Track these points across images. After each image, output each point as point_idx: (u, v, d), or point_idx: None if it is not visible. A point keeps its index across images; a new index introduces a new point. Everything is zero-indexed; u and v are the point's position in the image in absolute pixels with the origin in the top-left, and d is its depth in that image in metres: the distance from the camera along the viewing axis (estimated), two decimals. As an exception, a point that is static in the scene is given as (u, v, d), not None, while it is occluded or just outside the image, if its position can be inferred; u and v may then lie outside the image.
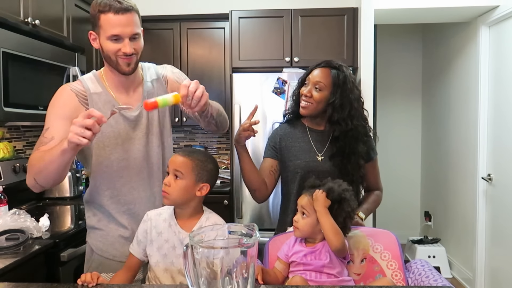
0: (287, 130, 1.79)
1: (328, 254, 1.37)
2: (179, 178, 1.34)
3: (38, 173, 1.32)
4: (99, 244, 1.53)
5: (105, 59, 1.48)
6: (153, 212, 1.43)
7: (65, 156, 1.24)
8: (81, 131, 1.15)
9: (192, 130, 3.80)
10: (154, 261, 1.37)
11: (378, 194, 1.82)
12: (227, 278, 0.95)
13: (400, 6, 3.06)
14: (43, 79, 2.24)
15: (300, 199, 1.43)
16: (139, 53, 1.47)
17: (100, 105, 1.46)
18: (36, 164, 1.31)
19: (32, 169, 1.33)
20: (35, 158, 1.33)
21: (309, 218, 1.39)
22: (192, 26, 3.39)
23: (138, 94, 1.55)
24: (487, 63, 3.22)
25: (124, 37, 1.40)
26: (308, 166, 1.68)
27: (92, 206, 1.55)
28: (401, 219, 4.55)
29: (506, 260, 2.97)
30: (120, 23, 1.37)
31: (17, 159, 2.45)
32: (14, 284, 1.25)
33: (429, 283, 1.37)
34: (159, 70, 1.64)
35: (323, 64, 1.71)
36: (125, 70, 1.45)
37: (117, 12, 1.37)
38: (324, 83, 1.66)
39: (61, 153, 1.23)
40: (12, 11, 2.06)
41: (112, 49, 1.41)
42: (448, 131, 3.91)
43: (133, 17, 1.41)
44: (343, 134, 1.66)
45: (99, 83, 1.50)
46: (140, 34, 1.46)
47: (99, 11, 1.39)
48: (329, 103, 1.65)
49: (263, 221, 2.95)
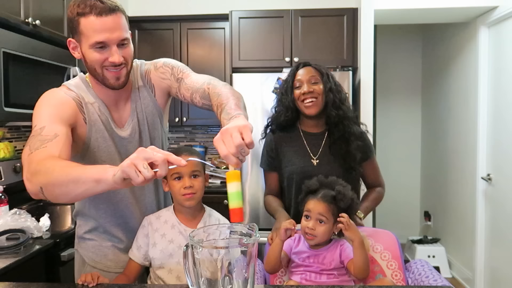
0: (281, 135, 1.78)
1: (333, 261, 1.37)
2: (198, 176, 1.37)
3: (52, 184, 0.99)
4: (91, 255, 1.42)
5: (89, 71, 1.26)
6: (152, 217, 1.42)
7: (100, 186, 0.93)
8: (144, 167, 0.86)
9: (192, 130, 3.80)
10: (158, 263, 1.37)
11: (380, 191, 1.82)
12: (227, 278, 0.95)
13: (400, 6, 3.06)
14: (43, 79, 2.24)
15: (315, 206, 1.39)
16: (130, 62, 1.25)
17: (96, 116, 1.29)
18: (53, 173, 0.99)
19: (43, 176, 0.99)
20: (51, 163, 1.01)
21: (327, 225, 1.38)
22: (192, 26, 3.39)
23: (128, 108, 1.36)
24: (486, 63, 3.22)
25: (111, 44, 1.17)
26: (304, 172, 1.68)
27: (84, 217, 1.43)
28: (400, 219, 4.55)
29: (506, 259, 2.97)
30: (105, 27, 1.15)
31: (18, 159, 2.45)
32: (14, 284, 1.25)
33: (429, 283, 1.37)
34: (143, 69, 1.39)
35: (301, 65, 1.76)
36: (114, 85, 1.24)
37: (100, 14, 1.14)
38: (315, 75, 1.71)
39: (96, 180, 0.92)
40: (13, 12, 2.06)
41: (97, 59, 1.19)
42: (448, 131, 3.91)
43: (119, 19, 1.18)
44: (338, 131, 1.68)
45: (88, 91, 1.30)
46: (129, 39, 1.23)
47: (78, 14, 1.16)
48: (327, 90, 1.69)
49: (263, 221, 2.95)
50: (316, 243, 1.40)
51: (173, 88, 1.37)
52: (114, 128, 1.33)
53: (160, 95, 1.41)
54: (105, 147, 1.31)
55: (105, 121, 1.31)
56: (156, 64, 1.39)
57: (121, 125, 1.35)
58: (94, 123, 1.29)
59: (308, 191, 1.46)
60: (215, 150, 3.79)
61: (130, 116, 1.36)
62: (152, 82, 1.38)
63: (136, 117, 1.37)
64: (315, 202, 1.40)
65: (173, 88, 1.37)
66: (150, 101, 1.39)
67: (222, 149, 0.95)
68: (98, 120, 1.29)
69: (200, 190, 1.38)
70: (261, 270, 1.52)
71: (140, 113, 1.37)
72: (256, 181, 2.97)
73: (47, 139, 1.10)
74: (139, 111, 1.37)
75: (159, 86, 1.39)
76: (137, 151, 0.90)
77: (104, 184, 0.92)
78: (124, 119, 1.36)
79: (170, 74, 1.36)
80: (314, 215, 1.38)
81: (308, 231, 1.38)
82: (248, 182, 2.99)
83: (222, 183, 3.31)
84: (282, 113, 1.74)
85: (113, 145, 1.32)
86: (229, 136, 0.95)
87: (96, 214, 1.41)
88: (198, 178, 1.37)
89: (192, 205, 1.37)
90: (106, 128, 1.31)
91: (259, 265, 1.51)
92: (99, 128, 1.30)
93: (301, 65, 1.75)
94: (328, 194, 1.39)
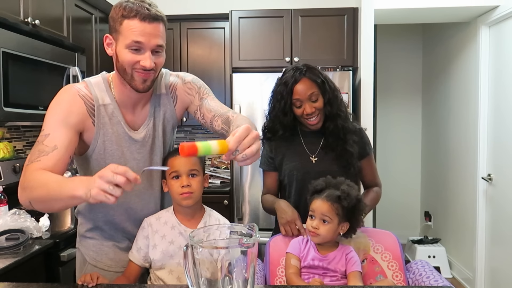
0: (279, 136, 1.77)
1: (337, 267, 1.38)
2: (196, 176, 1.37)
3: (37, 200, 1.10)
4: (92, 254, 1.43)
5: (118, 70, 1.28)
6: (152, 218, 1.42)
7: (75, 201, 1.06)
8: (109, 189, 0.94)
9: (192, 130, 3.80)
10: (159, 265, 1.37)
11: (377, 191, 1.82)
12: (227, 278, 0.95)
13: (400, 6, 3.06)
14: (43, 79, 2.24)
15: (319, 205, 1.40)
16: (158, 70, 1.29)
17: (106, 119, 1.31)
18: (37, 189, 1.08)
19: (30, 191, 1.10)
20: (36, 179, 1.10)
21: (331, 224, 1.39)
22: (192, 26, 3.39)
23: (145, 112, 1.38)
24: (487, 63, 3.22)
25: (146, 48, 1.21)
26: (304, 168, 1.69)
27: (85, 217, 1.44)
28: (401, 219, 4.55)
29: (506, 260, 2.96)
30: (144, 31, 1.19)
31: (17, 159, 2.45)
32: (14, 284, 1.25)
33: (430, 283, 1.37)
34: (169, 80, 1.43)
35: (298, 76, 1.65)
36: (139, 88, 1.26)
37: (144, 19, 1.18)
38: (314, 90, 1.65)
39: (71, 197, 1.01)
40: (12, 11, 2.05)
41: (130, 60, 1.22)
42: (448, 131, 3.91)
43: (160, 27, 1.22)
44: (335, 130, 1.68)
45: (107, 92, 1.32)
46: (163, 48, 1.26)
47: (122, 16, 1.20)
48: (326, 102, 1.67)
49: (263, 221, 2.95)
50: (320, 241, 1.41)
51: (194, 105, 1.41)
52: (127, 130, 1.34)
53: (180, 107, 1.44)
54: (112, 150, 1.32)
55: (115, 124, 1.32)
56: (184, 79, 1.44)
57: (135, 127, 1.37)
58: (103, 125, 1.31)
59: (314, 190, 1.46)
60: (215, 150, 3.78)
61: (146, 120, 1.38)
62: (177, 93, 1.42)
63: (153, 122, 1.39)
64: (319, 202, 1.41)
65: (193, 105, 1.42)
66: (169, 109, 1.42)
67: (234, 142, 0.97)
68: (107, 124, 1.31)
69: (198, 190, 1.37)
70: (261, 270, 1.52)
71: (157, 118, 1.40)
72: (256, 182, 2.97)
73: (45, 151, 1.16)
74: (156, 116, 1.39)
75: (182, 99, 1.43)
76: (98, 176, 0.96)
77: (79, 200, 1.01)
78: (140, 122, 1.38)
79: (196, 92, 1.41)
80: (318, 214, 1.39)
81: (313, 230, 1.40)
82: (248, 182, 2.99)
83: (222, 183, 3.30)
84: (280, 131, 1.72)
85: (120, 148, 1.33)
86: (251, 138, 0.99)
87: (95, 215, 1.41)
88: (196, 177, 1.36)
89: (190, 204, 1.36)
90: (115, 131, 1.32)
91: (259, 265, 1.51)
92: (107, 131, 1.32)
93: (298, 77, 1.64)
94: (333, 194, 1.40)
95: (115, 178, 0.94)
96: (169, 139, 1.47)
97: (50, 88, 2.24)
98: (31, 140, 2.75)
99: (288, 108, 1.67)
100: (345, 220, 1.40)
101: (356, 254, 1.42)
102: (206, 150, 0.96)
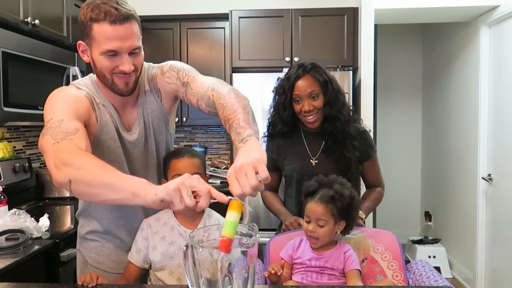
0: (282, 135, 1.77)
1: (335, 265, 1.38)
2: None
3: (81, 182, 0.97)
4: (93, 256, 1.41)
5: (98, 76, 1.24)
6: (151, 219, 1.41)
7: (134, 200, 0.91)
8: (188, 194, 0.86)
9: (192, 130, 3.79)
10: (159, 266, 1.36)
11: (380, 191, 1.81)
12: (227, 278, 0.95)
13: (400, 6, 3.06)
14: (43, 79, 2.24)
15: (313, 208, 1.39)
16: (139, 69, 1.25)
17: (108, 116, 1.29)
18: (85, 170, 0.96)
19: (75, 170, 0.97)
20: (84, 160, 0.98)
21: (327, 227, 1.38)
22: (192, 26, 3.39)
23: (135, 113, 1.35)
24: (487, 63, 3.22)
25: (123, 52, 1.16)
26: (303, 170, 1.70)
27: (87, 217, 1.42)
28: (401, 219, 4.55)
29: (507, 260, 2.96)
30: (117, 36, 1.13)
31: (17, 159, 2.45)
32: (14, 284, 1.25)
33: (430, 283, 1.36)
34: (151, 73, 1.38)
35: (301, 73, 1.66)
36: (122, 91, 1.24)
37: (115, 22, 1.12)
38: (315, 88, 1.65)
39: (133, 194, 0.90)
40: (12, 11, 2.05)
41: (107, 66, 1.18)
42: (448, 131, 3.91)
43: (133, 27, 1.16)
44: (333, 133, 1.68)
45: (98, 94, 1.29)
46: (141, 47, 1.22)
47: (91, 19, 1.14)
48: (326, 102, 1.66)
49: (263, 221, 2.94)
50: (320, 245, 1.40)
51: (180, 92, 1.35)
52: (121, 131, 1.32)
53: (166, 100, 1.40)
54: (114, 148, 1.31)
55: (115, 123, 1.31)
56: (162, 69, 1.37)
57: (128, 128, 1.36)
58: (106, 123, 1.29)
59: (307, 192, 1.45)
60: (214, 150, 3.78)
61: (137, 121, 1.36)
62: (159, 87, 1.37)
63: (143, 122, 1.37)
64: (313, 205, 1.39)
65: (180, 92, 1.35)
66: (156, 106, 1.38)
67: (236, 189, 0.90)
68: (109, 121, 1.29)
69: None
70: (261, 270, 1.51)
71: (146, 117, 1.37)
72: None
73: (70, 132, 1.07)
74: (145, 115, 1.37)
75: (165, 91, 1.37)
76: (183, 177, 0.88)
77: (139, 200, 0.90)
78: (131, 123, 1.35)
79: (175, 78, 1.34)
80: (313, 218, 1.38)
81: (310, 234, 1.39)
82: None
83: (222, 183, 3.30)
84: (279, 125, 1.72)
85: (121, 147, 1.32)
86: (244, 175, 0.90)
87: (101, 215, 1.39)
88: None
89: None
90: (116, 130, 1.31)
91: (259, 265, 1.51)
92: (109, 129, 1.30)
93: (300, 73, 1.65)
94: (326, 195, 1.38)
95: (200, 184, 0.87)
96: (163, 136, 1.44)
97: (50, 88, 2.20)
98: (31, 140, 2.75)
99: (288, 103, 1.67)
100: (340, 218, 1.40)
101: (354, 252, 1.42)
102: (235, 228, 0.91)
